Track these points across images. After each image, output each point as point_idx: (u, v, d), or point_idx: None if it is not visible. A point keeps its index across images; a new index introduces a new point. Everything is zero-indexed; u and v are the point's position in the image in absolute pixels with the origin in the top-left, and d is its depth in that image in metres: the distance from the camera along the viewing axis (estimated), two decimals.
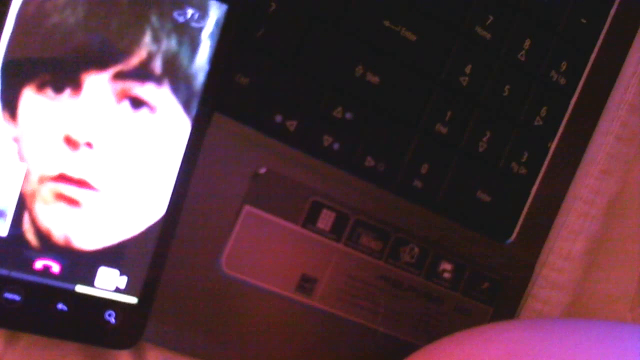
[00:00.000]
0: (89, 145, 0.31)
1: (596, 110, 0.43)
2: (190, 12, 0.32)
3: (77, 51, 0.31)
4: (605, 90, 0.43)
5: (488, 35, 0.39)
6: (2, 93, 0.30)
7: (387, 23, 0.37)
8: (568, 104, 0.42)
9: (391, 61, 0.38)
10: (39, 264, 0.32)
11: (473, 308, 0.41)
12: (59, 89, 0.30)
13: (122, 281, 0.33)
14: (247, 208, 0.36)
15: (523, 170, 0.41)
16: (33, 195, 0.31)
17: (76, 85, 0.31)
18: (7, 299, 0.31)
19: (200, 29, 0.33)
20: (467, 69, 0.39)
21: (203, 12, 0.33)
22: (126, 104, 0.32)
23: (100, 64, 0.31)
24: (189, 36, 0.33)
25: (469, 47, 0.39)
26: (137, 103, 0.32)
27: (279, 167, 0.37)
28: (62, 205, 0.31)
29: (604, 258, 0.44)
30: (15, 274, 0.31)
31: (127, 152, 0.32)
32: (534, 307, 0.42)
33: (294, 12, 0.36)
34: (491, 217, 0.41)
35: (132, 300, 0.33)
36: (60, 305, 0.32)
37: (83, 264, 0.32)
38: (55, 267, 0.32)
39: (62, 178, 0.31)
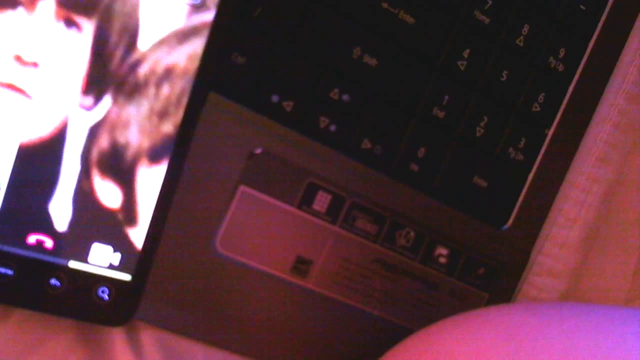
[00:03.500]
0: (35, 64, 0.31)
1: (594, 97, 0.43)
2: None
3: None
4: (603, 78, 0.43)
5: (487, 20, 0.39)
6: None
7: (385, 5, 0.37)
8: (566, 90, 0.42)
9: (389, 44, 0.38)
10: (32, 239, 0.32)
11: (468, 293, 0.41)
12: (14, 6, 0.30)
13: (115, 258, 0.33)
14: (243, 188, 0.36)
15: (520, 157, 0.41)
16: None
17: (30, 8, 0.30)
18: None
19: (196, 7, 0.33)
20: (466, 53, 0.39)
21: None
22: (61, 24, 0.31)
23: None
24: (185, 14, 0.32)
25: (467, 31, 0.39)
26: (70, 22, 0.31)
27: (275, 147, 0.36)
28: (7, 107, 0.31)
29: (601, 246, 0.44)
30: (7, 248, 0.31)
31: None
32: (529, 294, 0.42)
33: None
34: (488, 203, 0.41)
35: (126, 277, 0.33)
36: (52, 281, 0.32)
37: (76, 239, 0.32)
38: (49, 242, 0.32)
39: (11, 87, 0.31)
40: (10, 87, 0.31)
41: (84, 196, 0.32)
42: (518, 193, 0.42)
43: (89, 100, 0.32)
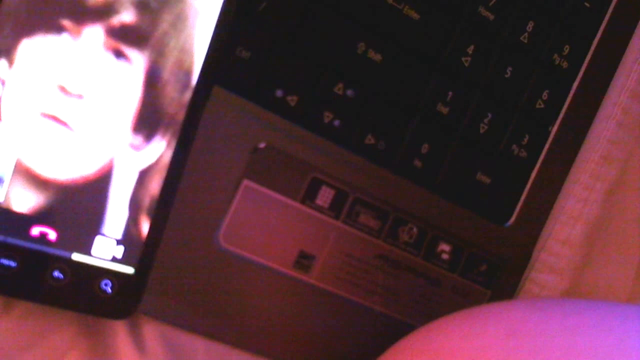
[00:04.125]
0: (79, 96, 0.31)
1: (598, 95, 0.43)
2: None
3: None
4: (607, 75, 0.43)
5: (491, 16, 0.39)
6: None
7: (390, 1, 0.37)
8: (570, 88, 0.42)
9: (393, 39, 0.38)
10: (35, 231, 0.32)
11: (470, 290, 0.41)
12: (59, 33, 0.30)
13: (119, 251, 0.33)
14: (246, 182, 0.36)
15: (523, 153, 0.41)
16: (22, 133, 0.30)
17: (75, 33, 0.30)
18: (2, 265, 0.31)
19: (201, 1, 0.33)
20: (470, 50, 0.39)
21: None
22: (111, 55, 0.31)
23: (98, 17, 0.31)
24: (191, 8, 0.32)
25: (471, 28, 0.39)
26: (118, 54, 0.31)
27: (278, 142, 0.36)
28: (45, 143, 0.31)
29: (603, 244, 0.44)
30: (11, 240, 0.31)
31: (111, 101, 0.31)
32: (531, 291, 0.42)
33: None
34: (490, 200, 0.41)
35: (129, 270, 0.33)
36: (56, 273, 0.32)
37: (80, 231, 0.32)
38: (52, 234, 0.32)
39: (53, 118, 0.31)
40: (53, 118, 0.31)
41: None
42: (521, 190, 0.42)
43: (139, 139, 0.32)
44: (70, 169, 0.31)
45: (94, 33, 0.30)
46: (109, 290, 0.33)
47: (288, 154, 0.37)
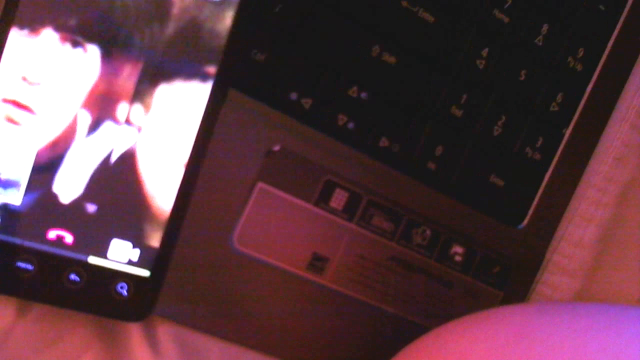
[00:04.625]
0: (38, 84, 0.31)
1: (612, 97, 0.43)
2: None
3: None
4: (621, 77, 0.43)
5: (506, 19, 0.39)
6: None
7: (405, 3, 0.37)
8: (584, 90, 0.42)
9: (408, 42, 0.38)
10: (52, 234, 0.32)
11: (483, 292, 0.41)
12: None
13: (134, 254, 0.33)
14: (260, 185, 0.36)
15: (537, 156, 0.41)
16: None
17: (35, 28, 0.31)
18: (19, 268, 0.31)
19: (217, 4, 0.33)
20: (484, 52, 0.39)
21: None
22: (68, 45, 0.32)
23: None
24: (207, 11, 0.32)
25: (486, 30, 0.39)
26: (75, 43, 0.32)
27: (293, 144, 0.36)
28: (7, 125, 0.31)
29: (615, 246, 0.44)
30: (28, 243, 0.31)
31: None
32: (543, 293, 0.42)
33: None
34: (504, 202, 0.41)
35: (145, 273, 0.33)
36: (72, 276, 0.32)
37: (96, 234, 0.32)
38: (69, 238, 0.32)
39: (14, 103, 0.31)
40: (14, 103, 0.31)
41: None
42: (534, 192, 0.42)
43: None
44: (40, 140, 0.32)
45: (50, 33, 0.31)
46: (124, 293, 0.33)
47: (302, 157, 0.37)
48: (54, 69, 0.31)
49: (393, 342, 0.37)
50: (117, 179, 0.32)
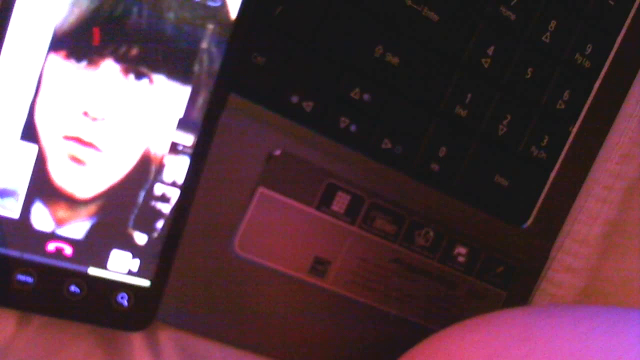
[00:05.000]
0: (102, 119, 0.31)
1: (620, 94, 0.42)
2: None
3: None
4: (630, 74, 0.42)
5: (512, 16, 0.38)
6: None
7: (409, 2, 0.36)
8: (592, 87, 0.41)
9: (412, 42, 0.37)
10: (51, 246, 0.32)
11: (487, 292, 0.41)
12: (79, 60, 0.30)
13: (134, 264, 0.33)
14: (262, 189, 0.36)
15: (543, 155, 0.40)
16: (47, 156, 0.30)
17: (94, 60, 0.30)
18: (19, 281, 0.31)
19: (216, 8, 0.32)
20: (490, 50, 0.38)
21: None
22: (131, 77, 0.31)
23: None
24: (205, 15, 0.32)
25: (492, 28, 0.38)
26: (139, 74, 0.31)
27: (294, 148, 0.36)
28: (73, 165, 0.31)
29: (621, 243, 0.43)
30: (27, 256, 0.31)
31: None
32: (548, 291, 0.42)
33: None
34: (508, 202, 0.40)
35: (145, 283, 0.33)
36: (72, 288, 0.32)
37: (96, 245, 0.32)
38: (68, 250, 0.32)
39: (78, 140, 0.31)
40: (77, 140, 0.31)
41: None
42: (540, 191, 0.41)
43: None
44: (95, 187, 0.31)
45: (111, 64, 0.30)
46: (125, 303, 0.33)
47: (303, 160, 0.36)
48: (118, 103, 0.31)
49: (397, 344, 0.37)
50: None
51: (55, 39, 0.29)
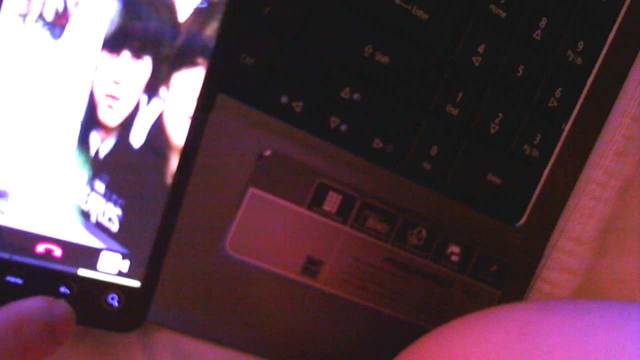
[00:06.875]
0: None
1: (613, 91, 0.42)
2: None
3: None
4: (622, 71, 0.42)
5: (503, 14, 0.38)
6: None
7: (397, 1, 0.36)
8: (584, 85, 0.41)
9: (402, 40, 0.37)
10: (40, 248, 0.32)
11: (481, 291, 0.41)
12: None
13: (124, 265, 0.33)
14: (252, 190, 0.36)
15: (535, 153, 0.40)
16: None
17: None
18: (9, 282, 0.31)
19: (203, 9, 0.32)
20: (480, 49, 0.38)
21: None
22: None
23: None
24: (193, 16, 0.32)
25: (482, 26, 0.38)
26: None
27: (284, 148, 0.36)
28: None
29: (615, 241, 0.43)
30: (17, 258, 0.31)
31: None
32: (542, 290, 0.42)
33: None
34: (501, 200, 0.40)
35: (135, 283, 0.33)
36: (62, 289, 0.32)
37: (85, 246, 0.32)
38: (57, 251, 0.32)
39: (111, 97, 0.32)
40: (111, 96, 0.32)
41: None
42: (532, 190, 0.41)
43: None
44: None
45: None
46: (115, 304, 0.33)
47: (294, 161, 0.36)
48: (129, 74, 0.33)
49: (392, 343, 0.37)
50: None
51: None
